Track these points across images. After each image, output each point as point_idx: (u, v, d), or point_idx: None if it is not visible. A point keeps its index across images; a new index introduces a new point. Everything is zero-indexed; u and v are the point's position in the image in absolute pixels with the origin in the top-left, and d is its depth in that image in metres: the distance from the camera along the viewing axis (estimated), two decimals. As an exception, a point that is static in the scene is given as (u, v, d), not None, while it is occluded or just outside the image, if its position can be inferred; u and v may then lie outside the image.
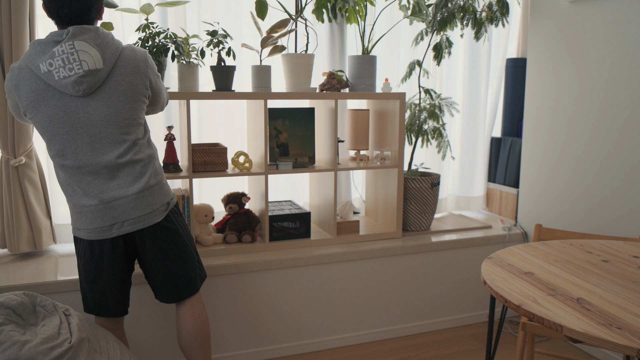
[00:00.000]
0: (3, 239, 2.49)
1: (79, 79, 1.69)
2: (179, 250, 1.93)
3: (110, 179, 1.81)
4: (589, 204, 2.63)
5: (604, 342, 1.22)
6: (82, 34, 1.70)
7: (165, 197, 1.91)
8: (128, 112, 1.80)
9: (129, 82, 1.78)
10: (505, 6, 2.76)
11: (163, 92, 1.99)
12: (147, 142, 1.90)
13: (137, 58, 1.82)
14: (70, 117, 1.74)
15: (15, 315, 1.76)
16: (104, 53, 1.72)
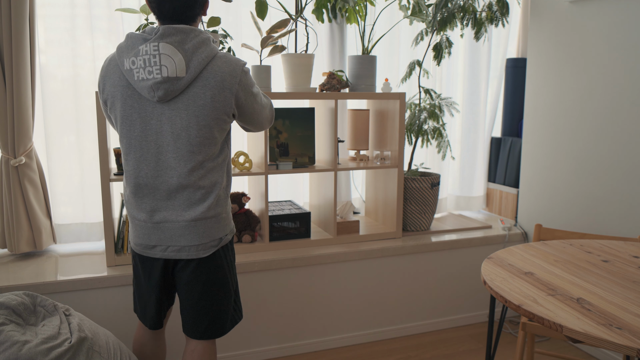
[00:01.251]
0: (3, 239, 2.49)
1: (155, 84, 1.54)
2: (217, 288, 1.74)
3: (167, 199, 1.65)
4: (589, 204, 2.63)
5: (604, 342, 1.22)
6: (171, 36, 1.54)
7: (220, 231, 1.72)
8: (202, 130, 1.60)
9: (210, 97, 1.58)
10: (505, 6, 2.76)
11: (260, 112, 1.74)
12: (219, 166, 1.69)
13: (226, 71, 1.59)
14: (144, 121, 1.61)
15: (16, 315, 1.76)
16: (189, 60, 1.55)
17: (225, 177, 1.73)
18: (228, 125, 1.68)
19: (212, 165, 1.67)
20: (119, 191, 2.70)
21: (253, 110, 1.71)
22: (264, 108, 1.77)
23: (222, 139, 1.69)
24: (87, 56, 2.58)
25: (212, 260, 1.73)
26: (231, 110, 1.64)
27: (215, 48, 1.61)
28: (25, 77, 2.33)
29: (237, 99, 1.63)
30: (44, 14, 2.50)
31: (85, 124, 2.63)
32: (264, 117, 1.79)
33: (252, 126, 1.78)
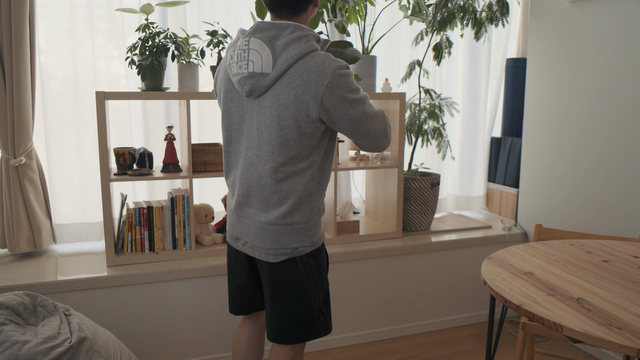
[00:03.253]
0: (3, 239, 2.49)
1: (242, 79, 1.53)
2: (289, 295, 1.67)
3: (248, 195, 1.64)
4: (589, 204, 2.63)
5: (604, 342, 1.22)
6: (264, 31, 1.51)
7: (294, 241, 1.63)
8: (283, 130, 1.52)
9: (293, 96, 1.49)
10: (505, 6, 2.76)
11: (362, 122, 1.56)
12: (302, 173, 1.58)
13: (313, 70, 1.48)
14: (240, 115, 1.61)
15: (16, 315, 1.76)
16: (277, 57, 1.49)
17: (311, 186, 1.61)
18: (314, 129, 1.54)
19: (294, 170, 1.57)
20: (119, 191, 2.71)
21: (350, 119, 1.53)
22: (369, 119, 1.57)
23: (310, 144, 1.56)
24: (87, 56, 2.58)
25: (285, 267, 1.65)
26: (315, 114, 1.50)
27: (312, 46, 1.51)
28: (25, 77, 2.33)
29: (323, 102, 1.49)
30: (44, 14, 2.50)
31: (85, 124, 2.63)
32: (373, 131, 1.60)
33: (360, 140, 1.62)
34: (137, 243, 2.43)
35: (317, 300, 1.70)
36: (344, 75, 1.51)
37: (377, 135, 1.62)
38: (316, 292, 1.70)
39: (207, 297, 2.44)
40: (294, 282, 1.66)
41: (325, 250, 1.76)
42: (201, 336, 2.46)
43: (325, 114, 1.51)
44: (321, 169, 1.63)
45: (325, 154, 1.63)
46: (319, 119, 1.52)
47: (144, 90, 2.37)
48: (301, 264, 1.66)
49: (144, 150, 2.44)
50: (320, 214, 1.69)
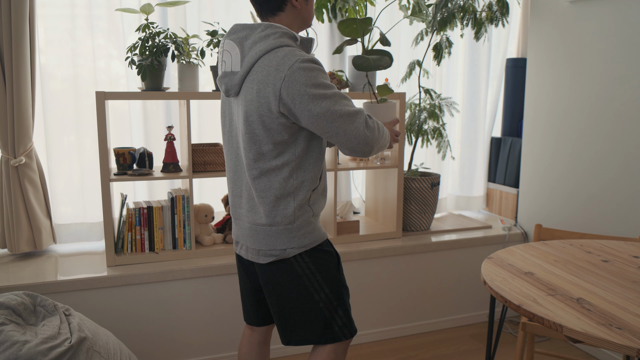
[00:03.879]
0: (3, 239, 2.49)
1: (219, 79, 1.58)
2: (291, 295, 1.64)
3: (239, 195, 1.66)
4: (589, 204, 2.64)
5: (604, 342, 1.22)
6: (236, 33, 1.54)
7: (281, 242, 1.59)
8: (250, 126, 1.51)
9: (255, 91, 1.48)
10: (505, 6, 2.76)
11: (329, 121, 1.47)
12: (278, 171, 1.54)
13: (273, 65, 1.45)
14: (229, 116, 1.64)
15: (16, 315, 1.76)
16: (245, 55, 1.50)
17: (290, 185, 1.56)
18: (280, 125, 1.49)
19: (267, 168, 1.54)
20: (119, 191, 2.70)
21: (312, 116, 1.46)
22: (337, 118, 1.48)
23: (282, 141, 1.51)
24: (87, 56, 2.58)
25: (279, 268, 1.62)
26: (276, 108, 1.46)
27: (279, 43, 1.48)
28: (25, 77, 2.33)
29: (282, 96, 1.45)
30: (44, 14, 2.50)
31: (85, 124, 2.63)
32: (344, 132, 1.50)
33: (332, 141, 1.53)
34: (137, 243, 2.43)
35: (325, 300, 1.64)
36: (305, 69, 1.44)
37: (350, 137, 1.50)
38: (321, 292, 1.64)
39: (207, 297, 2.44)
40: (292, 283, 1.62)
41: (331, 249, 1.69)
42: (201, 336, 2.46)
43: (285, 108, 1.47)
44: (302, 168, 1.57)
45: (306, 152, 1.57)
46: (281, 113, 1.48)
47: (144, 90, 2.37)
48: (297, 264, 1.62)
49: (144, 150, 2.44)
50: (311, 214, 1.61)
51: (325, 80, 1.48)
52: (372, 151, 1.58)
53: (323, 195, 1.67)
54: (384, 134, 1.63)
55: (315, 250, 1.64)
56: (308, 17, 1.62)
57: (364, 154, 1.56)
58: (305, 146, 1.56)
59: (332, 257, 1.68)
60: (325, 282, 1.64)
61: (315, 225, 1.64)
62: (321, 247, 1.66)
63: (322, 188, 1.66)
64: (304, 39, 1.57)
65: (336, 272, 1.68)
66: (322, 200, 1.67)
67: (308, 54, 1.54)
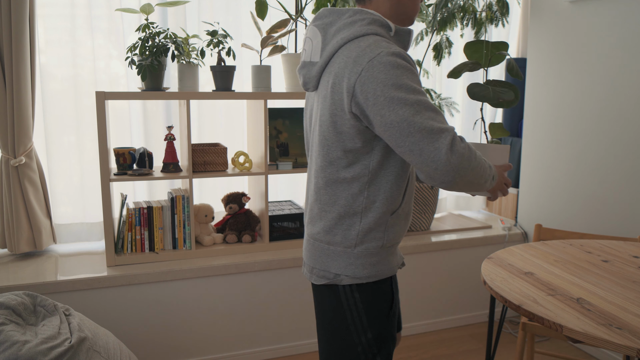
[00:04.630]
0: (3, 239, 2.49)
1: (298, 70, 1.39)
2: (331, 328, 1.42)
3: (307, 204, 1.47)
4: (589, 204, 2.63)
5: (604, 342, 1.22)
6: (322, 18, 1.34)
7: (334, 265, 1.36)
8: (322, 127, 1.31)
9: (330, 86, 1.27)
10: (505, 6, 2.76)
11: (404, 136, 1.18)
12: (346, 185, 1.31)
13: (352, 55, 1.22)
14: (308, 112, 1.46)
15: (16, 315, 1.76)
16: (326, 43, 1.30)
17: (359, 203, 1.32)
18: (352, 128, 1.26)
19: (334, 179, 1.32)
20: (119, 191, 2.70)
21: (385, 123, 1.19)
22: (415, 133, 1.17)
23: (354, 149, 1.28)
24: (87, 56, 2.58)
25: (327, 292, 1.40)
26: (348, 107, 1.23)
27: (365, 30, 1.25)
28: (25, 77, 2.33)
29: (355, 94, 1.21)
30: (44, 14, 2.50)
31: (85, 124, 2.63)
32: (420, 151, 1.18)
33: (407, 158, 1.22)
34: (137, 243, 2.43)
35: (365, 345, 1.39)
36: (388, 65, 1.18)
37: (426, 160, 1.18)
38: (363, 335, 1.38)
39: (207, 297, 2.44)
40: (335, 314, 1.40)
41: (387, 289, 1.40)
42: (201, 336, 2.46)
43: (357, 108, 1.23)
44: (376, 185, 1.31)
45: (382, 166, 1.30)
46: (353, 114, 1.24)
47: (144, 90, 2.37)
48: (343, 294, 1.38)
49: (144, 150, 2.44)
50: (381, 244, 1.35)
51: (411, 82, 1.20)
52: (456, 184, 1.22)
53: (405, 220, 1.40)
54: (484, 172, 1.27)
55: (368, 286, 1.37)
56: (411, 9, 1.35)
57: (443, 184, 1.22)
58: (381, 159, 1.29)
59: (386, 299, 1.40)
60: (369, 326, 1.38)
61: (382, 257, 1.37)
62: (377, 284, 1.39)
63: (404, 212, 1.38)
64: (401, 29, 1.32)
65: (385, 317, 1.40)
66: (403, 226, 1.40)
67: (403, 48, 1.33)
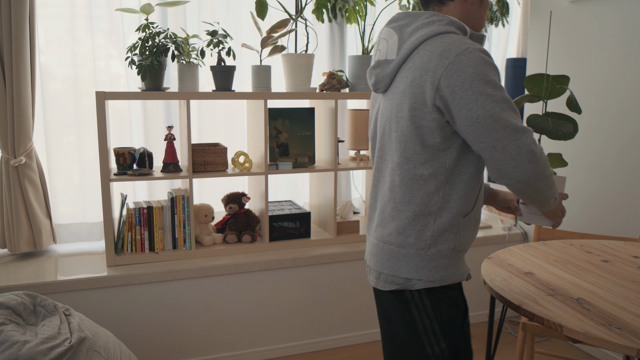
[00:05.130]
0: (3, 239, 2.49)
1: (369, 71, 1.38)
2: (402, 340, 1.37)
3: (373, 208, 1.43)
4: (589, 204, 2.63)
5: (604, 342, 1.22)
6: (397, 21, 1.33)
7: (408, 269, 1.31)
8: (399, 122, 1.29)
9: (410, 80, 1.25)
10: (505, 6, 2.76)
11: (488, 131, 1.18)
12: (422, 182, 1.28)
13: (436, 50, 1.22)
14: (373, 116, 1.44)
15: (16, 315, 1.76)
16: (403, 41, 1.29)
17: (434, 202, 1.29)
18: (432, 121, 1.24)
19: (410, 176, 1.29)
20: (119, 191, 2.70)
21: (470, 117, 1.18)
22: (500, 129, 1.17)
23: (433, 144, 1.26)
24: (87, 56, 2.58)
25: (395, 299, 1.36)
26: (431, 100, 1.22)
27: (445, 29, 1.25)
28: (25, 77, 2.33)
29: (440, 86, 1.20)
30: (44, 14, 2.50)
31: (85, 124, 2.63)
32: (502, 148, 1.18)
33: (484, 155, 1.22)
34: (137, 243, 2.43)
35: (437, 357, 1.33)
36: (476, 60, 1.19)
37: (508, 157, 1.18)
38: (436, 346, 1.33)
39: (207, 297, 2.44)
40: (405, 322, 1.35)
41: (460, 296, 1.36)
42: (201, 336, 2.46)
43: (441, 101, 1.21)
44: (452, 185, 1.28)
45: (458, 165, 1.28)
46: (436, 106, 1.22)
47: (144, 90, 2.37)
48: (412, 301, 1.32)
49: (144, 150, 2.44)
50: (452, 246, 1.32)
51: (497, 79, 1.21)
52: (529, 187, 1.22)
53: (475, 225, 1.36)
54: (553, 186, 1.29)
55: (439, 291, 1.32)
56: (479, 20, 1.38)
57: (518, 184, 1.21)
58: (457, 157, 1.28)
59: (458, 306, 1.35)
60: (443, 335, 1.33)
61: (453, 260, 1.33)
62: (449, 289, 1.34)
63: (475, 217, 1.35)
64: (475, 34, 1.33)
65: (459, 326, 1.36)
66: (473, 231, 1.36)
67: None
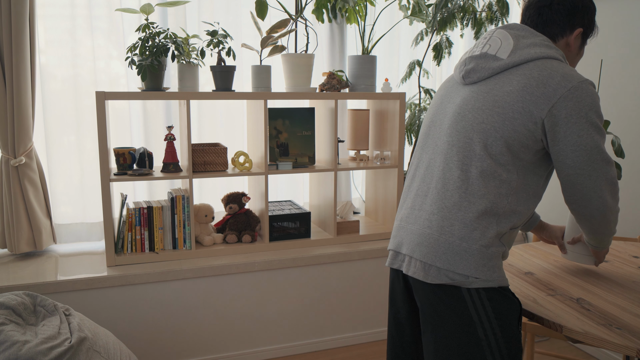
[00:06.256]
0: (3, 239, 2.49)
1: (469, 58, 1.37)
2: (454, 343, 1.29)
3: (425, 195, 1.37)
4: (589, 204, 2.63)
5: (603, 342, 1.22)
6: (515, 29, 1.37)
7: (468, 266, 1.26)
8: (492, 117, 1.28)
9: (522, 86, 1.27)
10: (505, 6, 2.76)
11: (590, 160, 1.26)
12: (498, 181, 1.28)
13: (558, 71, 1.27)
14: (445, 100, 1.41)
15: (16, 315, 1.76)
16: (518, 48, 1.32)
17: (502, 204, 1.28)
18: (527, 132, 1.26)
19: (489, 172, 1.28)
20: (119, 191, 2.70)
21: (578, 142, 1.25)
22: (600, 161, 1.27)
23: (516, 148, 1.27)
24: (87, 56, 2.58)
25: (448, 298, 1.29)
26: (540, 115, 1.25)
27: (559, 57, 1.32)
28: (25, 77, 2.33)
29: (556, 107, 1.25)
30: (44, 14, 2.50)
31: (85, 124, 2.63)
32: (595, 175, 1.28)
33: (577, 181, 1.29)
34: (137, 243, 2.43)
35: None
36: (593, 94, 1.26)
37: (596, 187, 1.28)
38: (497, 352, 1.27)
39: (207, 297, 2.44)
40: (461, 324, 1.28)
41: (515, 298, 1.32)
42: (201, 336, 2.46)
43: (552, 120, 1.25)
44: (518, 195, 1.30)
45: (525, 180, 1.31)
46: (542, 121, 1.26)
47: (144, 90, 2.37)
48: (471, 302, 1.27)
49: (144, 150, 2.44)
50: (502, 250, 1.31)
51: (602, 115, 1.30)
52: (602, 218, 1.34)
53: (509, 243, 1.36)
54: (615, 226, 1.41)
55: (499, 292, 1.28)
56: (571, 64, 1.46)
57: (595, 211, 1.32)
58: (527, 173, 1.31)
59: (516, 308, 1.31)
60: (504, 340, 1.27)
61: (502, 262, 1.33)
62: (506, 291, 1.30)
63: (513, 235, 1.35)
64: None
65: (517, 328, 1.31)
66: (509, 246, 1.37)
67: None
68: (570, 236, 1.66)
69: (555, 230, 1.71)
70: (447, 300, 1.29)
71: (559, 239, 1.69)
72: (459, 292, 1.27)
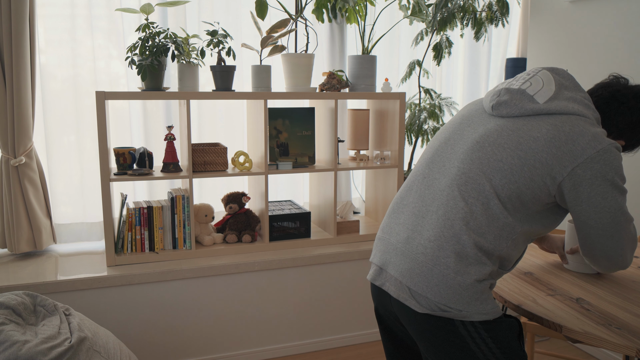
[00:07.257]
0: (3, 239, 2.49)
1: (504, 89, 1.33)
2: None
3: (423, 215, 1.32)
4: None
5: (603, 342, 1.22)
6: (561, 75, 1.36)
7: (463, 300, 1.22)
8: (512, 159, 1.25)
9: (550, 137, 1.24)
10: (505, 6, 2.76)
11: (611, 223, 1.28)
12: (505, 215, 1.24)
13: (589, 131, 1.24)
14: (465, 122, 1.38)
15: (16, 315, 1.76)
16: (556, 97, 1.29)
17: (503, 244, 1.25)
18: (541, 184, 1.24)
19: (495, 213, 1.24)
20: (119, 191, 2.71)
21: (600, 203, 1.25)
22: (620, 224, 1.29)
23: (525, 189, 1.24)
24: (87, 56, 2.58)
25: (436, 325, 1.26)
26: (560, 175, 1.23)
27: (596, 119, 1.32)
28: (25, 77, 2.33)
29: (580, 167, 1.22)
30: (44, 14, 2.50)
31: (85, 124, 2.63)
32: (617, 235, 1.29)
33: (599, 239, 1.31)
34: (137, 243, 2.43)
35: None
36: (618, 158, 1.25)
37: (619, 246, 1.31)
38: None
39: (207, 297, 2.44)
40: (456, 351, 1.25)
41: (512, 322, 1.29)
42: (201, 336, 2.46)
43: (574, 179, 1.23)
44: (517, 239, 1.28)
45: (532, 227, 1.29)
46: (563, 177, 1.24)
47: (144, 90, 2.37)
48: (465, 331, 1.24)
49: (144, 150, 2.44)
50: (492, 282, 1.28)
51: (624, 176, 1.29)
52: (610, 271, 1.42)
53: (499, 275, 1.33)
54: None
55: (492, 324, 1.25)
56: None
57: (614, 267, 1.37)
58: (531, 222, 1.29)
59: (514, 328, 1.29)
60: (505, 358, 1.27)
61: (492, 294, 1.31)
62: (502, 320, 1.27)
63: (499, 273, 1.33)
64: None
65: (518, 345, 1.29)
66: (496, 281, 1.35)
67: None
68: (569, 246, 1.66)
69: (556, 241, 1.71)
70: (440, 332, 1.25)
71: (559, 249, 1.69)
72: (452, 323, 1.24)
